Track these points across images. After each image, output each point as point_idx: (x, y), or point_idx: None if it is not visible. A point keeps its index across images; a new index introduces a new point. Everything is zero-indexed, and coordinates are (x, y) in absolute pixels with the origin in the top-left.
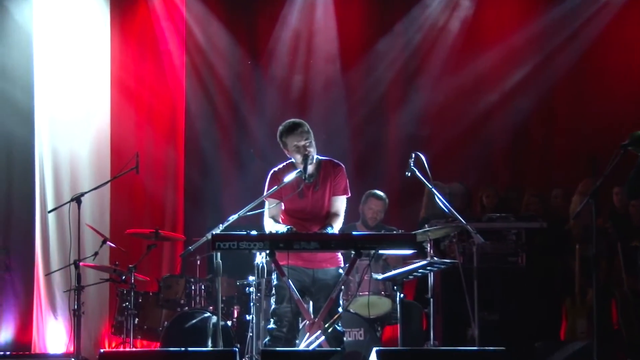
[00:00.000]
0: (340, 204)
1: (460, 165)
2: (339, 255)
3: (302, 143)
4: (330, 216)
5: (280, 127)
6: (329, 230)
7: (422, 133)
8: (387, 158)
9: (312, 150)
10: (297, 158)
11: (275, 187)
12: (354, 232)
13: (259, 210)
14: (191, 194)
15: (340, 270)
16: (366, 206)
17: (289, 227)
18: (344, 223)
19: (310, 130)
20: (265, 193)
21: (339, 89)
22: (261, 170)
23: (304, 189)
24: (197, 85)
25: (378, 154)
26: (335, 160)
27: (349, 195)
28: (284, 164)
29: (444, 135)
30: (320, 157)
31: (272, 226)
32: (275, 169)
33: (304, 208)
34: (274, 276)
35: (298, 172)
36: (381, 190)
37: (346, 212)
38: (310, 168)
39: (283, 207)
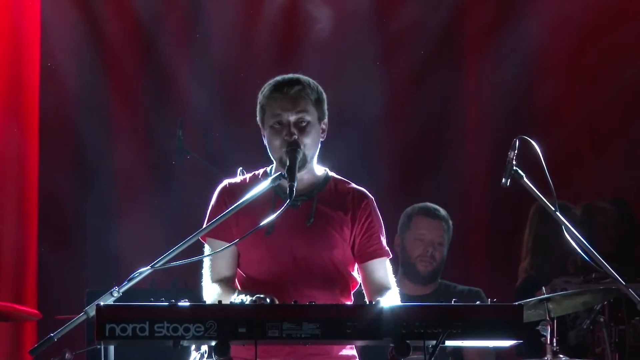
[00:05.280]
0: (386, 270)
1: (603, 169)
2: (354, 352)
3: (292, 118)
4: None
5: (266, 85)
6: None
7: (532, 105)
8: (459, 155)
9: (309, 142)
10: (276, 148)
11: (227, 211)
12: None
13: (195, 259)
14: (54, 228)
15: None
16: (410, 233)
17: (257, 295)
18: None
19: (320, 97)
20: (205, 225)
21: (362, 12)
22: (203, 179)
23: (285, 215)
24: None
25: (441, 149)
26: (359, 187)
27: (391, 256)
28: (253, 174)
29: (576, 109)
30: (329, 173)
31: (220, 295)
32: (232, 181)
33: (278, 257)
34: None
35: (276, 177)
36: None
37: None
38: (301, 175)
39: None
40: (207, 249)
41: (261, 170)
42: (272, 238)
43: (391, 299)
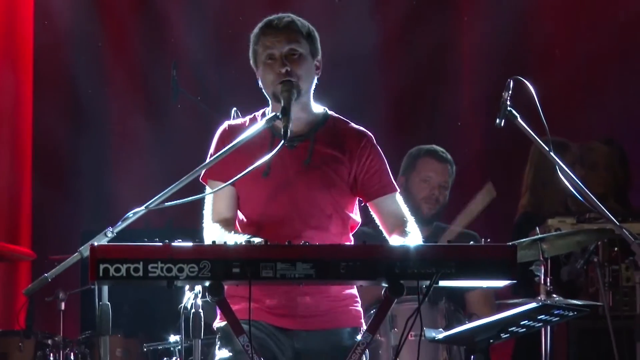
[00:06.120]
0: (398, 204)
1: (597, 109)
2: (357, 298)
3: (284, 49)
4: (400, 229)
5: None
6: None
7: (527, 46)
8: (454, 96)
9: (303, 74)
10: (269, 83)
11: (222, 150)
12: (390, 244)
13: (189, 199)
14: (49, 168)
15: (360, 338)
16: (415, 174)
17: (249, 237)
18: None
19: (311, 33)
20: (205, 164)
21: None
22: (197, 120)
23: (282, 156)
24: None
25: (436, 90)
26: (357, 127)
27: (399, 190)
28: (253, 115)
29: (570, 50)
30: (328, 112)
31: (220, 235)
32: (232, 122)
33: (275, 198)
34: (219, 338)
35: (270, 117)
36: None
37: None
38: (298, 114)
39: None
40: (207, 191)
41: (260, 112)
42: (269, 179)
43: (412, 232)
